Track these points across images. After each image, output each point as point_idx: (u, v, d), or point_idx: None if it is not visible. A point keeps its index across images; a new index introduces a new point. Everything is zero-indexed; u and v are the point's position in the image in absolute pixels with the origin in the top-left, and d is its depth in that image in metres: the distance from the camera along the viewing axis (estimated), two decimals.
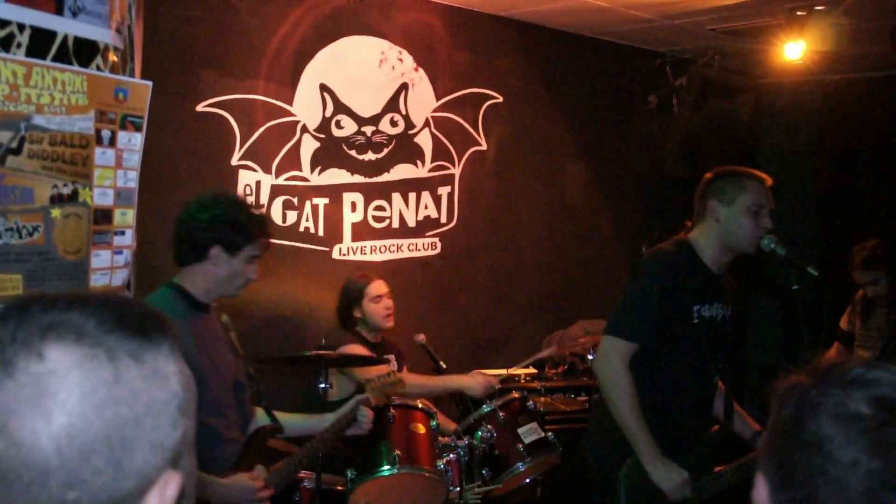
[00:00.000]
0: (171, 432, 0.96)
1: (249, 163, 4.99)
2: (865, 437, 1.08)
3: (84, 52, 2.63)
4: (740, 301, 3.73)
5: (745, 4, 5.65)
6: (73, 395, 0.91)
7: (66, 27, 2.57)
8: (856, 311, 5.45)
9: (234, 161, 4.94)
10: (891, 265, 5.24)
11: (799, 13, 5.65)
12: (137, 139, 2.78)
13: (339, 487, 4.04)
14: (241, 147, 4.95)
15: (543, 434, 4.60)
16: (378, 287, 4.84)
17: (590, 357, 5.28)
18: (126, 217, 2.84)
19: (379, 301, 4.82)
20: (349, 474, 3.98)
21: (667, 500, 3.33)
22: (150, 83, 2.77)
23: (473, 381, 4.84)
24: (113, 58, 2.71)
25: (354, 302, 4.81)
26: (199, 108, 4.77)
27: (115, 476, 0.92)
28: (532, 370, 5.65)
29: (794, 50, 5.81)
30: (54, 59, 2.54)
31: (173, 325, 1.01)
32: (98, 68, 2.67)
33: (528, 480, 4.68)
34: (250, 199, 4.96)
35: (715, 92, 6.74)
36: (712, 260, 3.52)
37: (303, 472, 3.91)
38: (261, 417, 3.44)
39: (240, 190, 4.95)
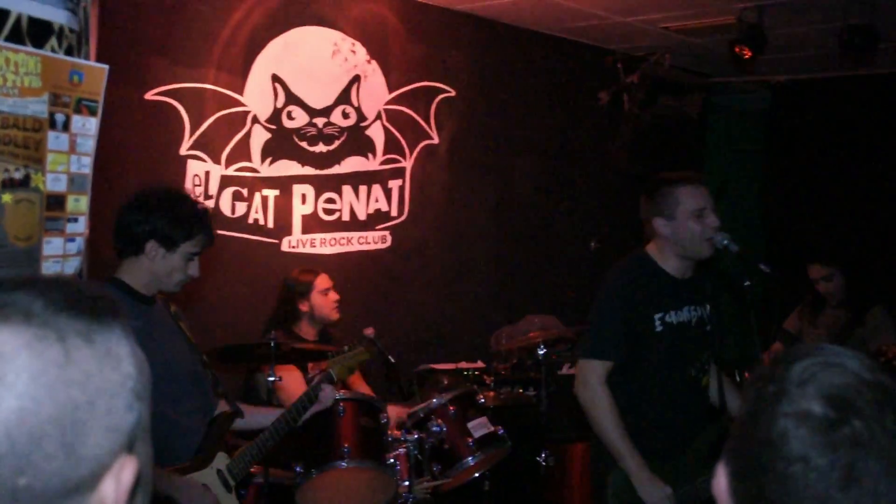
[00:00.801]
0: (126, 415, 0.93)
1: (199, 153, 4.92)
2: (816, 435, 1.08)
3: (38, 32, 2.56)
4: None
5: (696, 4, 5.70)
6: (22, 377, 0.87)
7: (20, 6, 2.50)
8: (805, 311, 5.50)
9: (183, 151, 4.87)
10: (844, 261, 5.31)
11: (746, 13, 5.73)
12: (92, 124, 2.71)
13: (288, 482, 4.00)
14: (190, 137, 4.88)
15: (493, 428, 4.60)
16: (325, 280, 4.83)
17: (540, 352, 5.29)
18: (79, 204, 2.77)
19: (327, 294, 4.81)
20: (298, 468, 3.94)
21: None
22: (106, 66, 2.70)
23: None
24: (68, 39, 2.65)
25: (301, 296, 4.77)
26: (148, 96, 4.70)
27: (67, 461, 0.88)
28: (481, 364, 5.65)
29: (744, 49, 5.88)
30: (7, 40, 2.46)
31: (124, 308, 0.98)
32: (53, 50, 2.60)
33: (477, 475, 4.68)
34: (199, 192, 4.89)
35: (665, 90, 6.80)
36: (674, 268, 3.56)
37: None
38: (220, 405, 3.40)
39: (188, 180, 4.88)
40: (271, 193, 5.24)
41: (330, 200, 5.53)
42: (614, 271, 3.62)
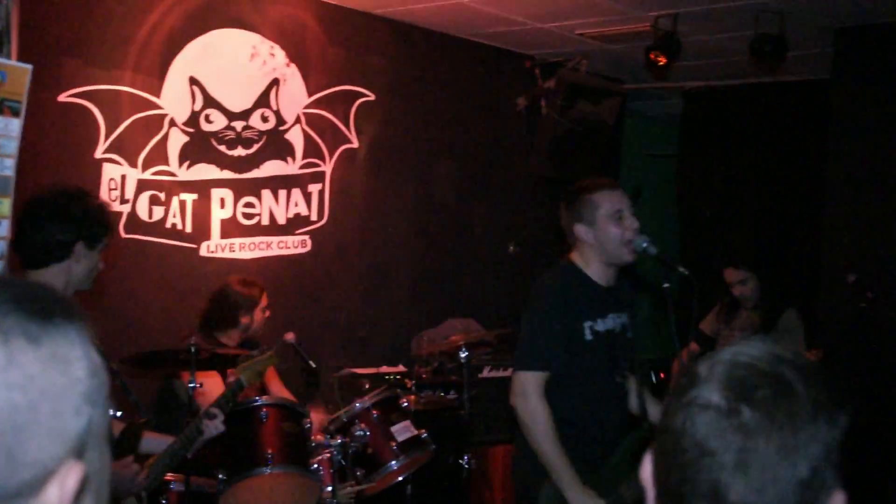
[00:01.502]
0: (73, 420, 0.91)
1: (114, 156, 4.83)
2: (712, 423, 1.13)
3: None
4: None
5: (612, 11, 5.80)
6: None
7: None
8: (721, 313, 5.62)
9: (99, 154, 4.77)
10: (759, 266, 5.44)
11: (661, 20, 5.84)
12: (15, 125, 2.65)
13: (210, 489, 3.93)
14: (105, 140, 4.78)
15: (416, 432, 4.60)
16: (266, 297, 4.81)
17: (461, 355, 5.31)
18: (2, 206, 2.70)
19: (266, 311, 4.80)
20: (220, 475, 3.88)
21: None
22: (29, 66, 2.64)
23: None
24: None
25: (245, 309, 4.70)
26: (62, 98, 4.60)
27: (6, 465, 0.86)
28: (402, 368, 5.65)
29: (659, 56, 5.99)
30: None
31: (82, 311, 0.96)
32: None
33: (400, 478, 4.68)
34: (115, 196, 4.81)
35: (582, 95, 6.88)
36: (598, 275, 3.60)
37: (171, 474, 3.81)
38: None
39: (104, 184, 4.78)
40: (189, 197, 5.17)
41: (249, 205, 5.47)
42: (544, 281, 3.64)
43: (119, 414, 3.37)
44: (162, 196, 5.04)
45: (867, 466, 5.56)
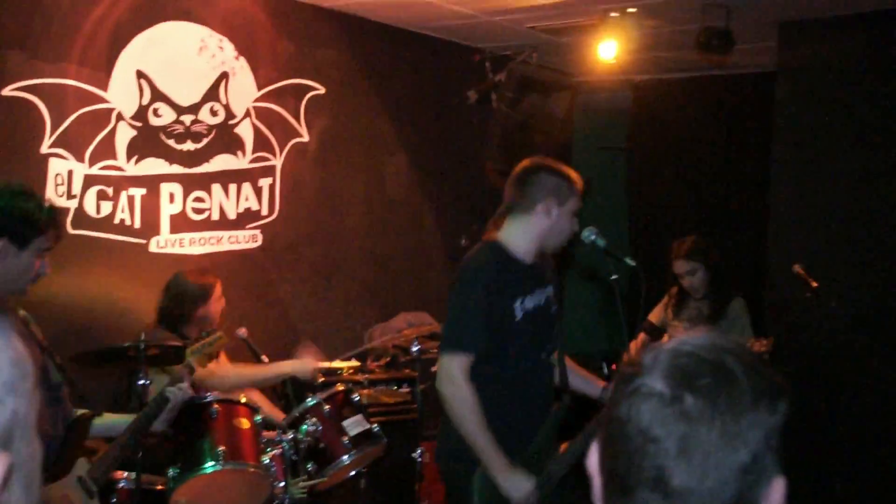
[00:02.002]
0: None
1: (60, 151, 4.76)
2: (655, 411, 1.17)
3: None
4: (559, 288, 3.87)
5: (562, 4, 5.82)
6: None
7: None
8: (670, 304, 5.69)
9: (44, 149, 4.70)
10: (709, 258, 5.51)
11: (612, 14, 5.88)
12: None
13: (160, 487, 3.91)
14: (51, 134, 4.72)
15: (368, 426, 4.60)
16: (220, 285, 4.77)
17: (413, 349, 5.32)
18: None
19: (220, 300, 4.75)
20: (171, 472, 3.86)
21: None
22: None
23: (303, 365, 4.80)
24: None
25: (201, 300, 4.66)
26: (5, 91, 4.52)
27: None
28: (355, 363, 5.65)
29: (607, 50, 6.04)
30: None
31: (9, 301, 0.95)
32: None
33: (352, 473, 4.68)
34: (61, 191, 4.74)
35: (533, 88, 6.91)
36: (525, 253, 3.63)
37: (120, 472, 3.78)
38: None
39: (50, 179, 4.72)
40: (138, 192, 5.11)
41: (199, 199, 5.42)
42: (468, 263, 3.64)
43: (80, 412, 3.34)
44: (110, 191, 4.98)
45: (812, 454, 5.66)
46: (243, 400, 4.24)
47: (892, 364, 5.78)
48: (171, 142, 5.24)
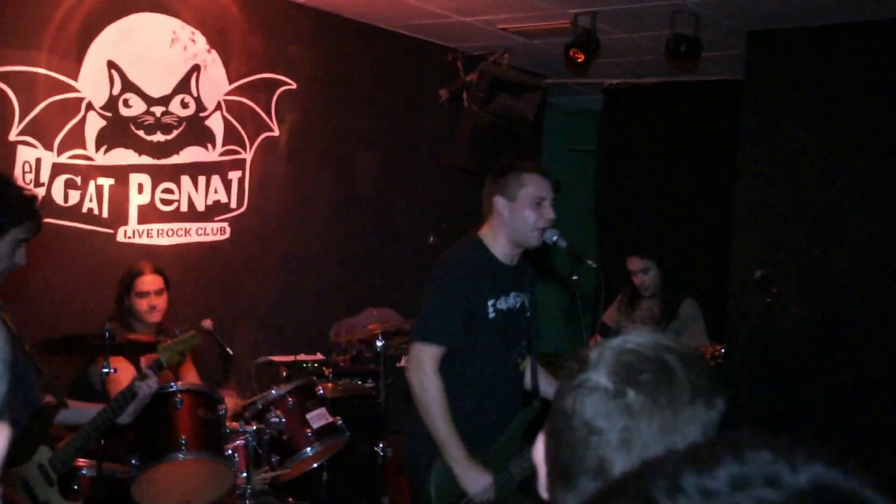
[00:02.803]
0: None
1: (29, 139, 4.76)
2: (599, 404, 1.22)
3: None
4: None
5: (532, 7, 5.88)
6: None
7: None
8: (622, 305, 5.75)
9: (13, 136, 4.70)
10: (660, 256, 5.59)
11: (581, 18, 5.94)
12: None
13: (123, 475, 3.92)
14: (20, 122, 4.71)
15: (331, 419, 4.64)
16: (146, 283, 4.60)
17: (378, 344, 5.36)
18: None
19: (144, 297, 4.59)
20: (133, 461, 3.87)
21: (471, 500, 3.46)
22: None
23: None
24: None
25: (125, 291, 4.60)
26: None
27: None
28: (319, 356, 5.67)
29: (578, 53, 6.09)
30: None
31: None
32: None
33: (315, 465, 4.71)
34: (29, 179, 4.74)
35: (503, 89, 6.96)
36: (503, 254, 3.66)
37: (82, 460, 3.79)
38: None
39: (18, 167, 4.71)
40: (106, 182, 5.12)
41: (168, 191, 5.43)
42: (450, 255, 3.68)
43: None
44: (78, 180, 4.99)
45: None
46: (207, 390, 4.26)
47: (851, 368, 5.89)
48: (140, 132, 5.25)
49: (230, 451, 4.15)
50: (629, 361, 1.25)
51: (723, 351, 4.95)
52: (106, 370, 3.79)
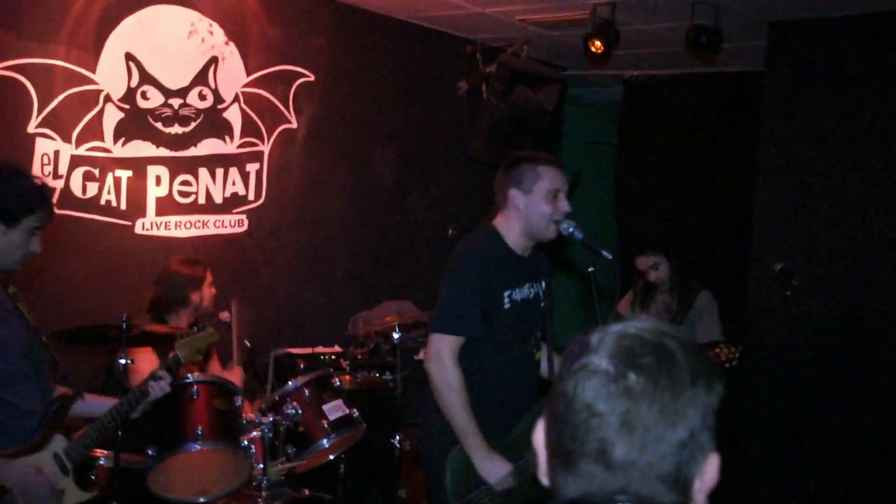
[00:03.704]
0: None
1: (47, 131, 4.78)
2: (600, 387, 1.24)
3: None
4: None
5: None
6: None
7: None
8: (636, 297, 5.72)
9: (31, 129, 4.72)
10: (668, 249, 5.55)
11: (600, 9, 5.91)
12: None
13: (140, 465, 3.94)
14: (38, 114, 4.73)
15: (348, 411, 4.63)
16: (210, 275, 4.78)
17: (395, 335, 5.36)
18: None
19: (210, 289, 4.75)
20: (150, 451, 3.88)
21: (491, 488, 3.45)
22: None
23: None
24: None
25: (194, 286, 4.67)
26: None
27: None
28: (337, 348, 5.68)
29: (597, 44, 6.06)
30: None
31: None
32: None
33: (331, 457, 4.71)
34: (48, 171, 4.76)
35: (523, 81, 6.93)
36: (518, 245, 3.65)
37: (99, 450, 3.81)
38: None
39: (37, 159, 4.73)
40: (124, 174, 5.13)
41: (186, 183, 5.45)
42: (467, 246, 3.66)
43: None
44: (96, 172, 5.00)
45: (787, 450, 5.71)
46: (224, 381, 4.26)
47: (869, 363, 5.84)
48: (158, 125, 5.26)
49: (246, 443, 4.15)
50: (630, 345, 1.26)
51: (738, 354, 4.90)
52: (123, 361, 3.80)
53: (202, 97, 5.46)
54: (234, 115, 5.66)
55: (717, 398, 1.26)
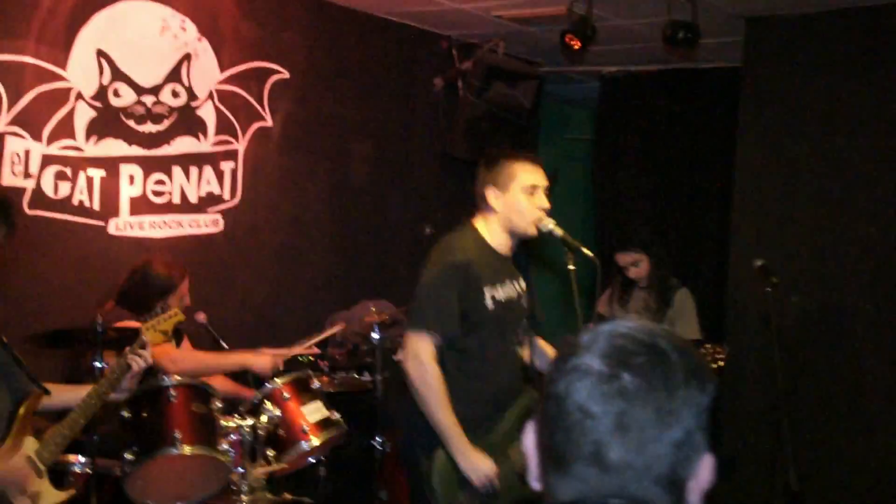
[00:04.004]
0: None
1: (17, 129, 4.68)
2: (593, 388, 1.22)
3: None
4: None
5: None
6: None
7: None
8: (615, 294, 5.69)
9: (1, 127, 4.62)
10: (650, 246, 5.53)
11: (577, 5, 5.87)
12: None
13: (117, 471, 3.86)
14: (8, 112, 4.63)
15: (328, 413, 4.58)
16: (187, 281, 4.73)
17: (374, 335, 5.30)
18: None
19: (185, 297, 4.69)
20: (127, 456, 3.80)
21: (476, 489, 3.41)
22: None
23: (260, 359, 4.74)
24: None
25: (161, 293, 4.57)
26: None
27: None
28: (316, 350, 5.60)
29: (573, 40, 6.01)
30: None
31: None
32: None
33: (312, 460, 4.65)
34: (18, 171, 4.66)
35: (499, 77, 6.89)
36: (499, 244, 3.63)
37: (73, 456, 3.73)
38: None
39: (6, 158, 4.64)
40: (97, 174, 5.03)
41: (159, 182, 5.35)
42: (445, 244, 3.63)
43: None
44: (68, 172, 4.90)
45: (770, 447, 5.70)
46: (201, 384, 4.19)
47: (850, 359, 5.84)
48: (131, 123, 5.17)
49: (225, 446, 4.08)
50: (622, 345, 1.25)
51: (724, 356, 4.89)
52: (98, 364, 3.71)
53: (175, 94, 5.37)
54: (207, 113, 5.57)
55: (709, 398, 1.26)
